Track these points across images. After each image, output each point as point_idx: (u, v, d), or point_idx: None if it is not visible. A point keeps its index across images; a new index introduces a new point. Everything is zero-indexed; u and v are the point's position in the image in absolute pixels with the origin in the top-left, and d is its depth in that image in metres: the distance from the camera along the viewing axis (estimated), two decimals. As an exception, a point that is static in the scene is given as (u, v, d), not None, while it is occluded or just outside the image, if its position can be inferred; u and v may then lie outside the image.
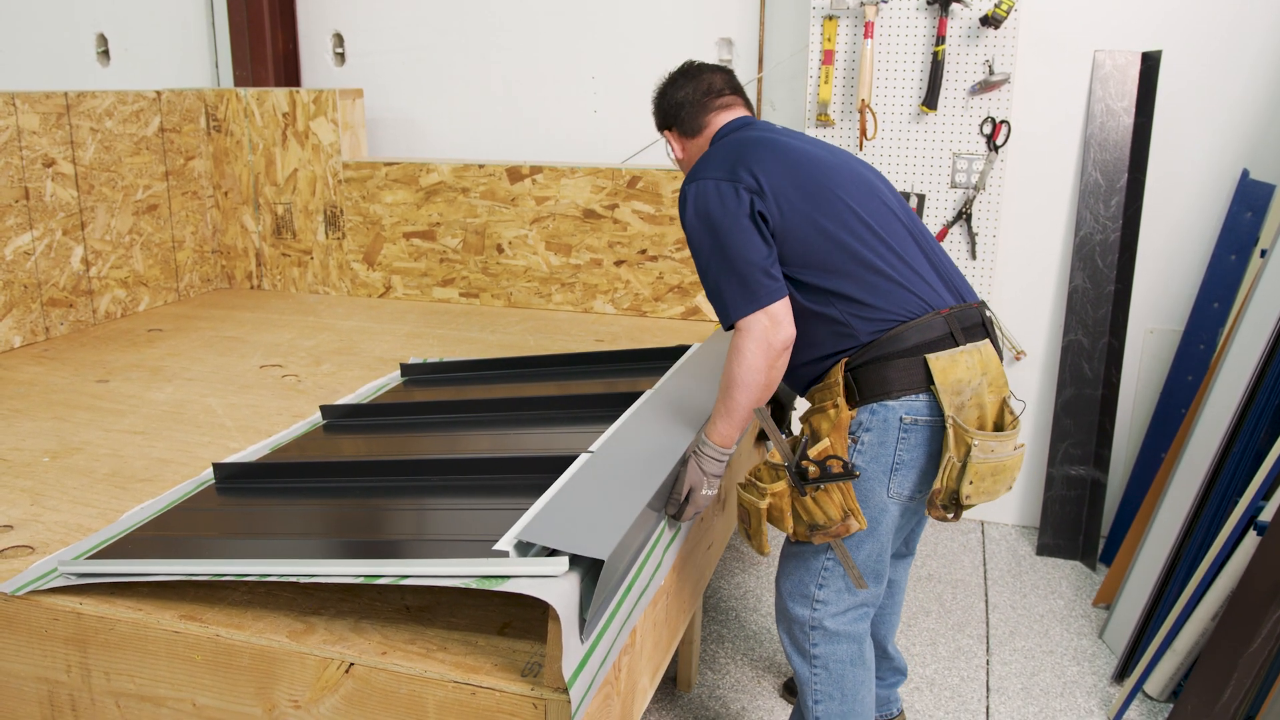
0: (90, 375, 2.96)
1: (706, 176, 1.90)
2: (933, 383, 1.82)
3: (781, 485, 1.84)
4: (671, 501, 1.95)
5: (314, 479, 2.12)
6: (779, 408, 2.46)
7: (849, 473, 1.80)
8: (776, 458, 1.88)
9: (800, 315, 1.88)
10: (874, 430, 1.86)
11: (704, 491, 1.93)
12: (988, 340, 1.91)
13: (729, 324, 1.86)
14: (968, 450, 1.82)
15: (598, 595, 1.49)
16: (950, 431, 1.82)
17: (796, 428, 2.00)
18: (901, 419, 1.85)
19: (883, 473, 1.88)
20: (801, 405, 2.89)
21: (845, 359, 1.86)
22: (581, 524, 1.59)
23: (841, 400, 1.84)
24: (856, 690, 2.03)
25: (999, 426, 1.89)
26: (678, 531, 1.99)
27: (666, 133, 2.19)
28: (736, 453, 2.48)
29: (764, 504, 1.85)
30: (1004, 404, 1.91)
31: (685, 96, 2.13)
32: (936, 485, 1.87)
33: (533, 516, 1.62)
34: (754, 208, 1.85)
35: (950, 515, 1.90)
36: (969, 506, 1.87)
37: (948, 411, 1.82)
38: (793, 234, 1.86)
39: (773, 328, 1.82)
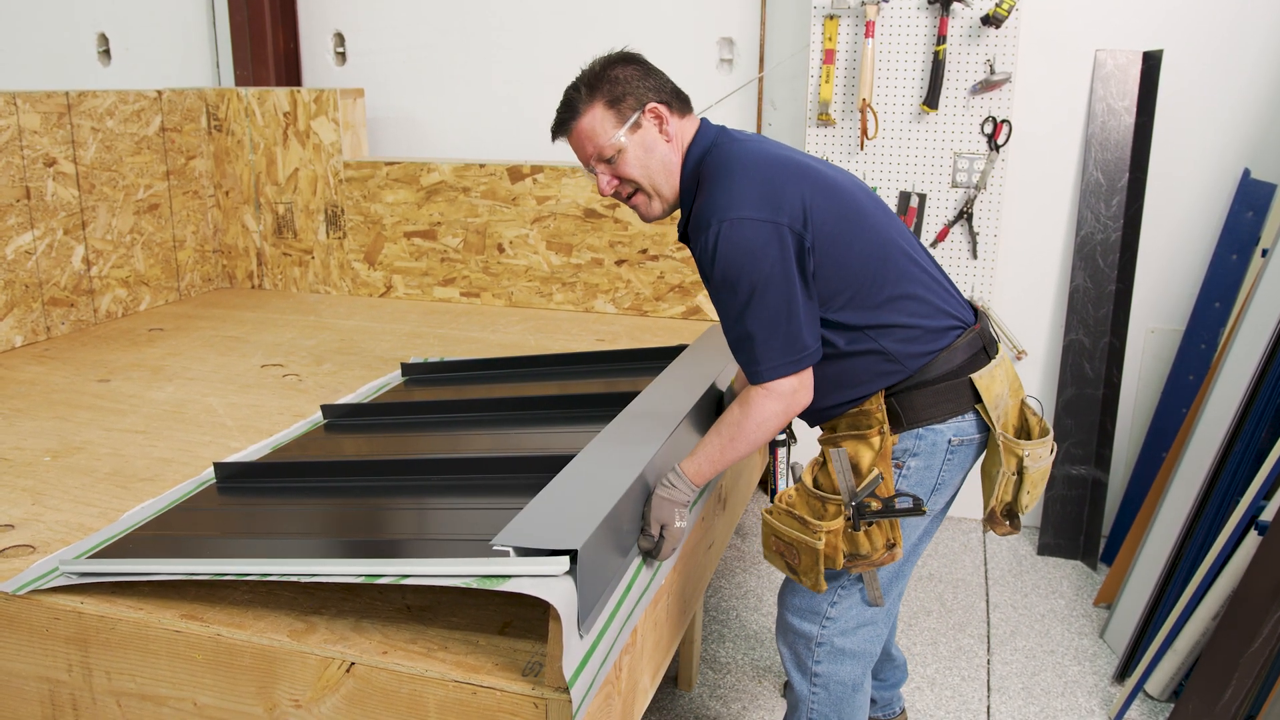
0: (91, 375, 2.96)
1: (744, 215, 1.68)
2: (979, 401, 1.79)
3: (838, 522, 1.74)
4: (646, 535, 1.80)
5: (315, 478, 2.12)
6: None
7: (918, 508, 1.72)
8: (809, 482, 1.79)
9: (847, 358, 1.77)
10: (921, 455, 1.80)
11: (677, 524, 1.79)
12: (1001, 348, 1.90)
13: (759, 381, 1.73)
14: (1018, 462, 1.80)
15: (582, 586, 1.48)
16: (1001, 447, 1.79)
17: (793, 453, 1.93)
18: (950, 441, 1.80)
19: (924, 495, 1.83)
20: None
21: (884, 389, 1.78)
22: (556, 521, 1.58)
23: (886, 428, 1.76)
24: (853, 716, 1.97)
25: (1023, 429, 1.89)
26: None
27: (650, 109, 1.79)
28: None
29: (821, 544, 1.74)
30: (1023, 405, 1.90)
31: (667, 80, 1.85)
32: (993, 503, 1.84)
33: (510, 524, 1.60)
34: (802, 251, 1.69)
35: (1010, 525, 1.89)
36: (1022, 513, 1.87)
37: (996, 428, 1.79)
38: (838, 267, 1.73)
39: (801, 393, 1.73)
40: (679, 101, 1.85)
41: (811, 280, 1.71)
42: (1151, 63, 3.17)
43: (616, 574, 1.69)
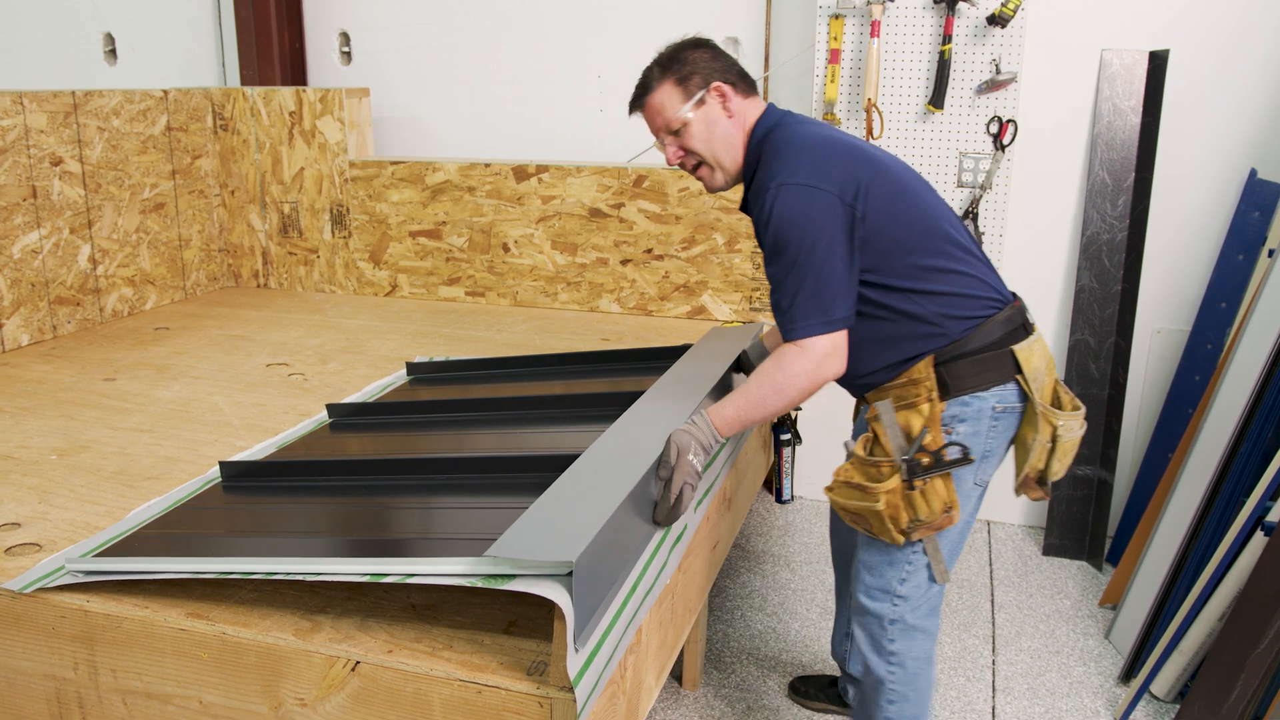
0: (97, 373, 2.96)
1: (798, 182, 1.82)
2: (1020, 372, 1.89)
3: (894, 482, 1.84)
4: (664, 465, 1.83)
5: (320, 477, 2.12)
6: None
7: (966, 457, 1.83)
8: (861, 452, 1.89)
9: (889, 319, 1.88)
10: (968, 421, 1.90)
11: (690, 457, 1.83)
12: (1038, 328, 2.01)
13: (792, 338, 1.84)
14: (1053, 431, 1.90)
15: (578, 597, 1.46)
16: (1040, 416, 1.89)
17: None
18: (994, 408, 1.89)
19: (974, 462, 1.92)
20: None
21: (932, 355, 1.88)
22: (554, 531, 1.56)
23: (935, 394, 1.87)
24: (927, 690, 2.06)
25: (1056, 404, 1.98)
26: (684, 530, 1.99)
27: (715, 87, 1.96)
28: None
29: (880, 505, 1.85)
30: (1057, 384, 2.00)
31: (734, 63, 2.02)
32: (1028, 469, 1.95)
33: (506, 534, 1.58)
34: (853, 220, 1.82)
35: (1042, 491, 1.99)
36: (1053, 482, 1.98)
37: (1035, 398, 1.89)
38: (885, 239, 1.85)
39: (833, 356, 1.83)
40: (744, 83, 2.01)
41: (858, 250, 1.83)
42: (1158, 62, 3.17)
43: (618, 580, 1.69)
